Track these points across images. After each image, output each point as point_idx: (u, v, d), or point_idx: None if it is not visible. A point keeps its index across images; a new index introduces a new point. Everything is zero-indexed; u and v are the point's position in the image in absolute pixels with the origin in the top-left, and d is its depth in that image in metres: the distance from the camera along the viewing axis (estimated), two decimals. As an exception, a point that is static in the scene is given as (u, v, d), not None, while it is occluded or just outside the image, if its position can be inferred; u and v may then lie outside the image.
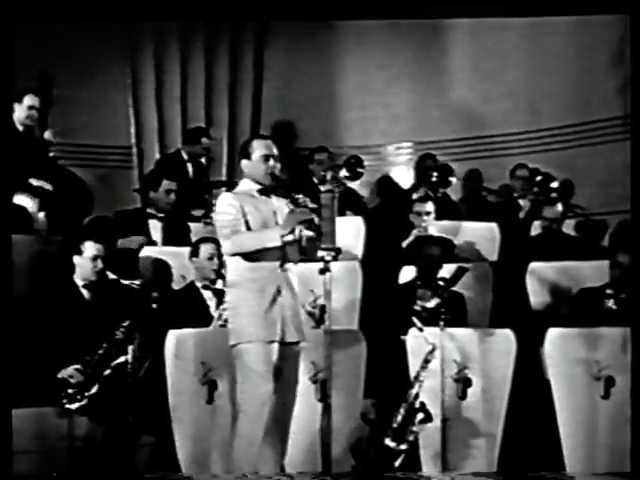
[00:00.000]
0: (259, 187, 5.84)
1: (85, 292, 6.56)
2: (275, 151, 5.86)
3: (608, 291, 7.04)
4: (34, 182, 7.39)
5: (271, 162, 5.83)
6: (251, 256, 5.67)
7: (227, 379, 6.18)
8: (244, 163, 5.88)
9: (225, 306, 6.02)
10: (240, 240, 5.68)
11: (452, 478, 6.11)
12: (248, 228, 5.74)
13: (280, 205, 5.85)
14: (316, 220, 5.62)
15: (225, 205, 5.77)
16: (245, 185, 5.89)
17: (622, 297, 6.97)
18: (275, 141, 5.94)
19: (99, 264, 6.54)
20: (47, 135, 7.73)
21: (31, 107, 7.60)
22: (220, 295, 6.74)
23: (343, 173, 8.76)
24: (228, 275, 5.81)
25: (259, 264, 5.68)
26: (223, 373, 6.21)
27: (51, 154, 7.71)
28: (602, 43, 9.68)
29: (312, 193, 5.90)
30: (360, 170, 8.79)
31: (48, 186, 7.45)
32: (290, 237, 5.64)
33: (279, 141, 5.85)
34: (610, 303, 7.00)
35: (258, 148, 5.84)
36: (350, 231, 7.94)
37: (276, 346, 5.67)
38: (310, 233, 5.68)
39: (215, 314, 6.72)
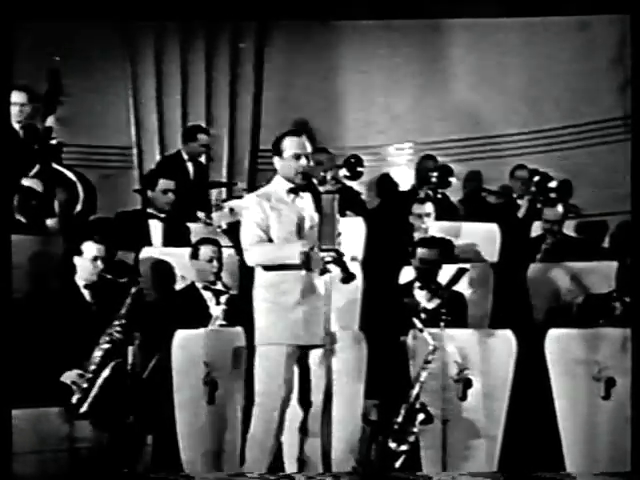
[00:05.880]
0: (290, 186, 5.75)
1: (86, 293, 6.56)
2: (308, 148, 5.75)
3: (614, 294, 7.05)
4: (25, 182, 7.34)
5: (302, 161, 5.72)
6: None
7: (229, 379, 6.20)
8: (276, 160, 5.79)
9: (254, 305, 5.88)
10: (260, 252, 5.65)
11: (453, 478, 6.12)
12: (269, 238, 5.70)
13: (307, 203, 5.78)
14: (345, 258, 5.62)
15: (249, 210, 5.71)
16: (276, 184, 5.80)
17: (626, 300, 6.98)
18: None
19: (99, 264, 6.52)
20: (49, 122, 7.66)
21: (16, 103, 7.52)
22: (219, 295, 6.75)
23: (343, 172, 8.77)
24: (257, 271, 5.77)
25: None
26: (225, 373, 6.21)
27: (54, 141, 7.65)
28: (602, 43, 9.67)
29: (312, 194, 5.89)
30: (360, 169, 8.79)
31: (39, 187, 7.40)
32: (309, 254, 5.60)
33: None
34: (615, 306, 7.01)
35: (289, 146, 5.72)
36: (350, 232, 7.92)
37: (297, 349, 5.69)
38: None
39: (214, 314, 6.72)
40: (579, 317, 7.08)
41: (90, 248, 6.54)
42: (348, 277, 5.64)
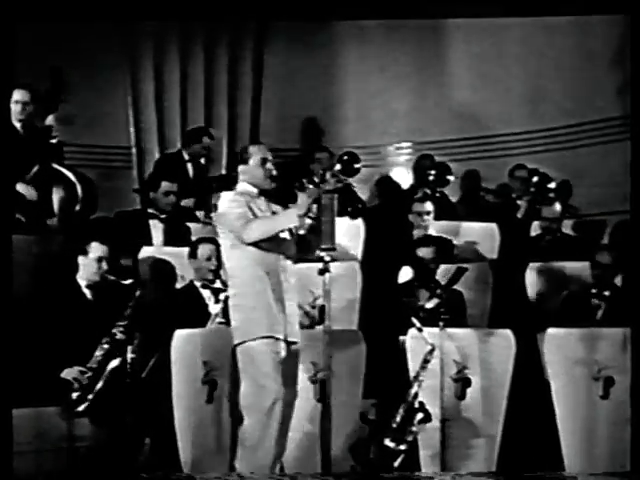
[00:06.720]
0: (257, 190, 5.90)
1: (88, 292, 6.55)
2: (270, 155, 5.96)
3: (592, 290, 7.07)
4: (20, 188, 7.34)
5: (268, 165, 5.92)
6: (263, 246, 5.71)
7: (228, 379, 6.20)
8: (241, 169, 5.96)
9: (230, 304, 5.96)
10: (258, 225, 5.72)
11: (452, 478, 6.12)
12: None
13: (276, 209, 5.93)
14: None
15: (230, 202, 5.82)
16: (243, 187, 5.94)
17: (606, 295, 7.01)
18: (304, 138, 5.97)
19: (104, 266, 6.51)
20: (49, 120, 7.67)
21: (18, 102, 7.49)
22: (218, 293, 6.75)
23: (336, 168, 8.77)
24: (229, 273, 5.85)
25: (261, 263, 5.70)
26: (224, 373, 6.22)
27: (54, 140, 7.65)
28: (602, 43, 9.67)
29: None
30: (356, 166, 8.77)
31: (33, 193, 7.41)
32: (306, 218, 5.71)
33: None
34: (596, 302, 7.04)
35: (255, 153, 5.94)
36: (349, 231, 7.94)
37: (282, 345, 5.71)
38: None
39: (212, 312, 6.73)
40: (561, 315, 7.09)
41: (96, 248, 6.54)
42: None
